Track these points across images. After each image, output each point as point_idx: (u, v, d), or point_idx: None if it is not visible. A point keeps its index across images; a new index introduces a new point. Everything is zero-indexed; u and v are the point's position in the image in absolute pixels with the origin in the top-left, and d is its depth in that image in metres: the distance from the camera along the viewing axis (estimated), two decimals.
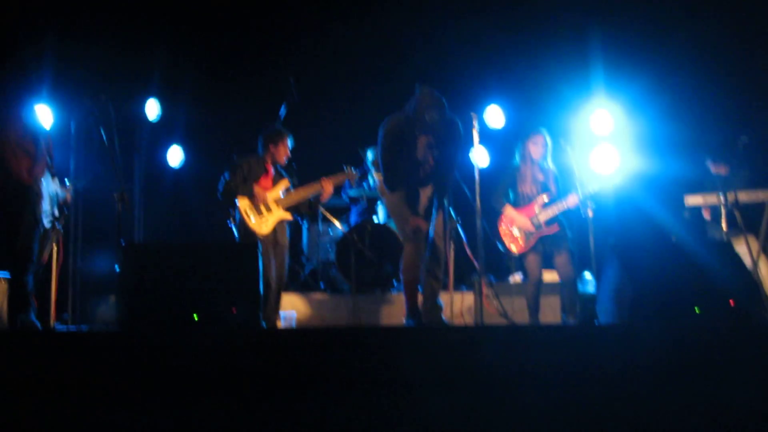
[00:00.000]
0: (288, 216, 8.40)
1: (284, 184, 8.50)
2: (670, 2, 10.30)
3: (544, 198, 8.33)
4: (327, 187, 8.50)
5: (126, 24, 10.63)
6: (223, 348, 4.81)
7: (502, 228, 8.48)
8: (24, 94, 7.41)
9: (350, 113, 10.98)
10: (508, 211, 8.41)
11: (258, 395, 4.46)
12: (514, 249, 8.42)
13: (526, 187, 8.42)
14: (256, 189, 8.17)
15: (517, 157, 8.52)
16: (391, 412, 4.32)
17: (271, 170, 8.49)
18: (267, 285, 7.86)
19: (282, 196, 8.40)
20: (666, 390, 4.40)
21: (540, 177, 8.42)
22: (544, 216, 8.26)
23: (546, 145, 8.41)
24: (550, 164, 8.47)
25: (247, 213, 8.16)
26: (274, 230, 8.26)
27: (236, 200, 8.26)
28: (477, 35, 11.15)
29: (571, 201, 8.21)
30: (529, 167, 8.44)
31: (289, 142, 8.51)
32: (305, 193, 8.50)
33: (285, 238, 8.44)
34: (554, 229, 8.26)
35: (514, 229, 8.38)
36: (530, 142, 8.42)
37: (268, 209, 8.21)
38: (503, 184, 8.54)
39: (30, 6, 9.83)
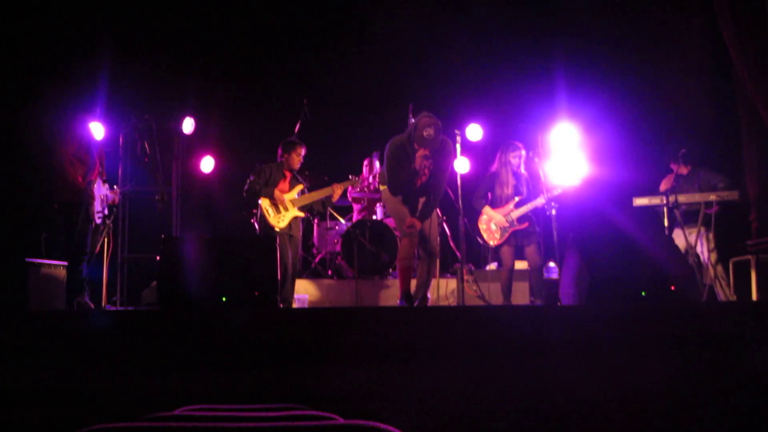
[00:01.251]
0: (301, 214, 8.60)
1: (299, 187, 8.66)
2: (623, 36, 10.32)
3: (517, 199, 8.35)
4: (337, 190, 8.71)
5: (166, 52, 10.64)
6: (247, 324, 4.80)
7: (481, 224, 8.51)
8: (79, 111, 7.42)
9: (353, 129, 11.02)
10: (487, 210, 8.43)
11: (275, 364, 4.46)
12: (492, 242, 8.45)
13: (503, 190, 8.45)
14: (276, 192, 8.34)
15: (496, 165, 8.54)
16: (387, 378, 4.32)
17: (289, 175, 8.64)
18: (284, 271, 7.97)
19: (297, 197, 8.54)
20: (617, 359, 4.40)
21: (514, 182, 8.45)
22: (516, 214, 8.28)
23: (521, 155, 8.45)
24: (522, 171, 8.50)
25: (267, 211, 8.33)
26: (289, 225, 8.44)
27: (259, 200, 8.41)
28: (460, 65, 11.17)
29: (539, 202, 8.24)
30: (505, 173, 8.46)
31: (303, 151, 8.63)
32: (318, 195, 8.72)
33: (299, 232, 8.63)
34: (525, 225, 8.28)
35: (492, 225, 8.40)
36: (508, 152, 8.46)
37: (285, 208, 8.39)
38: (483, 187, 8.58)
39: (84, 34, 9.82)
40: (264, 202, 8.43)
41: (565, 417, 4.19)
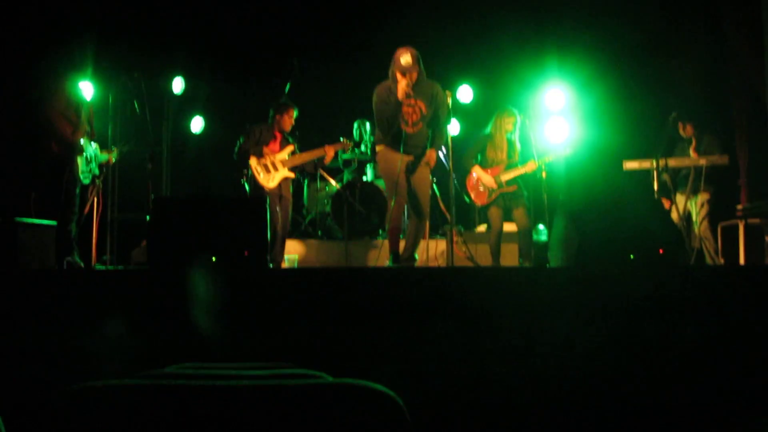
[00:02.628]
0: (291, 175, 8.60)
1: (290, 148, 8.64)
2: None
3: (507, 163, 8.36)
4: (329, 152, 8.73)
5: (156, 11, 10.55)
6: (236, 284, 4.81)
7: (470, 183, 8.52)
8: (68, 69, 7.36)
9: (343, 90, 10.96)
10: (476, 169, 8.45)
11: (264, 324, 4.47)
12: (478, 201, 8.47)
13: (495, 153, 8.46)
14: (265, 151, 8.38)
15: (490, 128, 8.54)
16: (376, 338, 4.33)
17: (279, 136, 8.64)
18: (273, 232, 8.00)
19: (287, 158, 8.50)
20: (604, 321, 4.42)
21: (506, 146, 8.45)
22: (505, 177, 8.29)
23: (516, 121, 8.46)
24: (516, 137, 8.50)
25: (257, 170, 8.31)
26: (279, 186, 8.47)
27: (249, 160, 8.38)
28: (452, 27, 11.13)
29: (530, 167, 8.26)
30: (499, 138, 8.47)
31: (294, 113, 8.62)
32: (309, 156, 8.72)
33: (289, 193, 8.63)
34: (513, 188, 8.30)
35: (480, 185, 8.40)
36: (503, 117, 8.46)
37: (275, 168, 8.37)
38: (474, 148, 8.60)
39: None
40: (253, 162, 8.44)
41: (553, 377, 4.22)
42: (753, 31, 8.38)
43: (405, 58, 7.35)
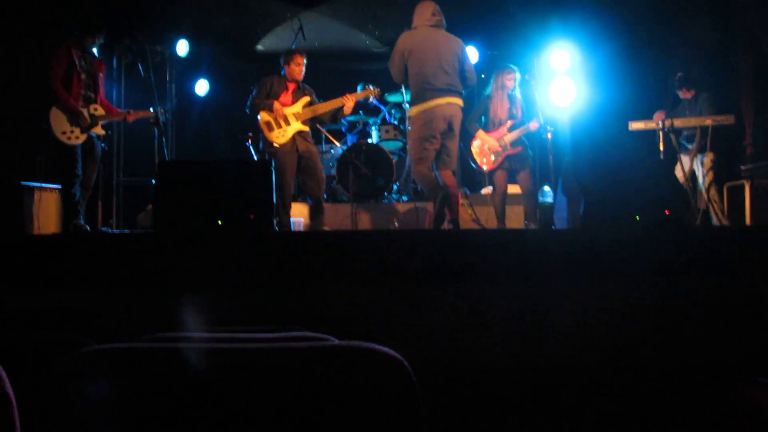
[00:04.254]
0: (305, 128, 8.11)
1: (305, 99, 8.17)
2: None
3: (510, 123, 8.32)
4: (349, 101, 8.09)
5: None
6: (242, 247, 4.82)
7: (474, 148, 8.48)
8: (74, 34, 7.31)
9: (348, 52, 10.90)
10: (480, 134, 8.40)
11: (271, 287, 4.48)
12: (484, 166, 8.43)
13: (496, 114, 8.41)
14: (275, 104, 7.95)
15: (490, 88, 8.49)
16: (383, 301, 4.34)
17: (292, 87, 8.21)
18: (283, 192, 7.81)
19: (301, 111, 8.09)
20: (611, 283, 4.43)
21: (508, 105, 8.41)
22: (509, 138, 8.26)
23: (515, 78, 8.39)
24: (517, 94, 8.45)
25: (265, 125, 8.01)
26: (293, 141, 8.00)
27: (258, 115, 8.06)
28: None
29: (533, 126, 8.23)
30: (500, 97, 8.42)
31: (302, 59, 8.19)
32: (326, 107, 8.15)
33: (308, 146, 8.13)
34: (518, 149, 8.27)
35: (485, 148, 8.37)
36: (502, 75, 8.40)
37: (287, 122, 7.96)
38: (476, 111, 8.53)
39: None
40: (262, 116, 8.03)
41: (560, 340, 4.23)
42: None
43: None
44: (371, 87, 8.55)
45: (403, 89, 8.89)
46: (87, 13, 7.43)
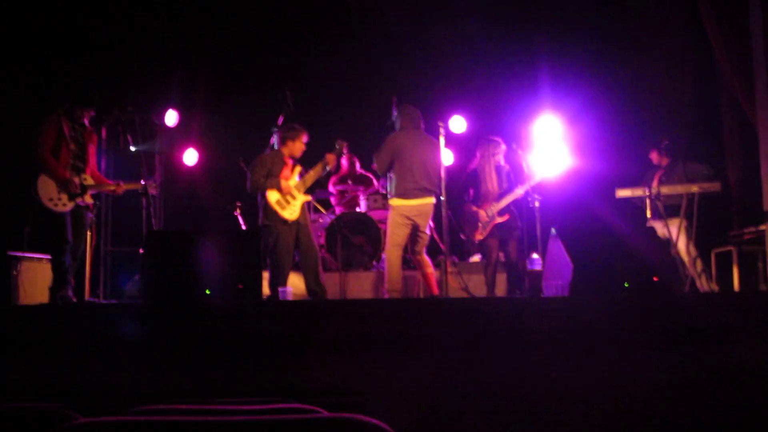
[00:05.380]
0: (308, 198, 8.24)
1: (298, 169, 8.23)
2: (607, 29, 10.37)
3: (498, 192, 8.37)
4: (330, 159, 8.24)
5: (149, 44, 10.60)
6: (231, 318, 4.80)
7: (464, 219, 8.53)
8: (65, 105, 7.34)
9: (336, 122, 10.98)
10: (469, 207, 8.45)
11: (260, 357, 4.46)
12: (473, 237, 8.47)
13: (486, 187, 8.45)
14: (282, 183, 7.97)
15: (477, 161, 8.57)
16: (371, 370, 4.32)
17: (290, 162, 8.23)
18: (284, 261, 7.90)
19: (299, 181, 8.13)
20: (600, 351, 4.42)
21: (496, 177, 8.46)
22: (497, 207, 8.30)
23: (501, 150, 8.48)
24: (503, 164, 8.52)
25: (278, 204, 7.99)
26: (302, 213, 8.09)
27: (266, 193, 8.01)
28: (443, 58, 11.19)
29: (519, 192, 8.28)
30: (488, 170, 8.48)
31: (306, 139, 8.25)
32: (317, 172, 8.20)
33: (307, 217, 8.26)
34: (505, 217, 8.30)
35: (473, 220, 8.41)
36: (489, 147, 8.49)
37: (293, 197, 8.01)
38: (465, 184, 8.60)
39: (68, 27, 9.79)
40: (272, 196, 8.00)
41: (547, 409, 4.21)
42: (743, 58, 8.44)
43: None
44: (339, 140, 8.50)
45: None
46: (78, 86, 7.46)
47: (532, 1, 10.73)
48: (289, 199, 7.98)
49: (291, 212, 7.96)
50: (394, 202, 7.95)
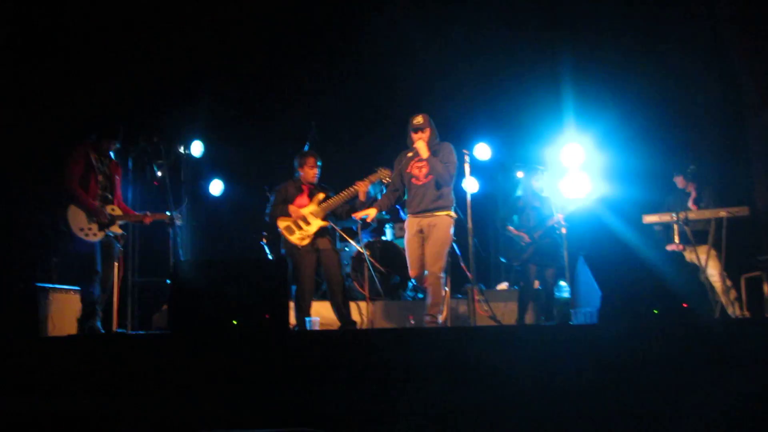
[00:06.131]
0: (325, 224, 8.11)
1: (320, 196, 8.19)
2: (632, 55, 10.36)
3: (539, 217, 8.40)
4: (361, 188, 8.00)
5: (175, 76, 10.68)
6: (257, 348, 4.81)
7: (507, 245, 8.56)
8: (91, 137, 7.40)
9: (361, 151, 11.01)
10: (511, 230, 8.46)
11: (287, 386, 4.46)
12: (514, 261, 8.48)
13: (528, 214, 8.48)
14: (290, 208, 7.99)
15: (520, 190, 8.63)
16: (401, 400, 4.30)
17: (306, 188, 8.23)
18: (300, 288, 7.90)
19: (318, 208, 8.09)
20: (629, 377, 4.38)
21: (537, 204, 8.49)
22: (537, 233, 8.30)
23: (543, 175, 8.53)
24: (544, 193, 8.55)
25: (287, 229, 8.00)
26: (314, 240, 8.02)
27: (277, 220, 8.07)
28: (468, 86, 11.21)
29: (555, 219, 8.27)
30: (531, 197, 8.53)
31: (315, 161, 8.23)
32: (340, 198, 8.11)
33: (328, 244, 8.16)
34: (546, 240, 8.31)
35: (517, 244, 8.42)
36: (533, 176, 8.56)
37: (306, 223, 7.99)
38: (509, 211, 8.65)
39: (97, 60, 9.89)
40: (281, 223, 8.06)
41: None
42: None
43: (417, 119, 7.64)
44: (383, 169, 8.41)
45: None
46: (105, 119, 7.54)
47: (556, 27, 10.73)
48: (301, 224, 7.97)
49: (301, 238, 7.95)
50: (453, 214, 7.57)
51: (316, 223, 8.00)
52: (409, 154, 7.68)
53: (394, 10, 10.71)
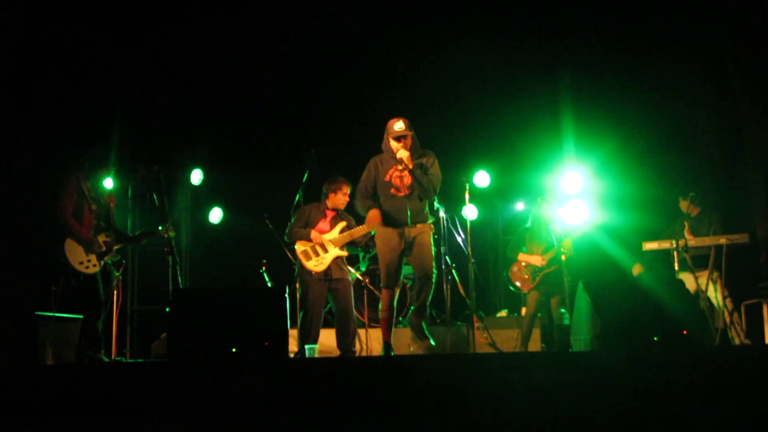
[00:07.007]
0: (344, 253, 8.18)
1: (342, 224, 8.25)
2: (631, 82, 10.40)
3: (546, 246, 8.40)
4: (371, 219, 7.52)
5: (175, 104, 10.70)
6: (257, 376, 4.80)
7: (514, 271, 8.54)
8: (83, 167, 7.37)
9: (360, 178, 11.03)
10: (522, 256, 8.47)
11: (286, 415, 4.45)
12: (523, 288, 8.49)
13: (536, 243, 8.49)
14: (312, 233, 8.05)
15: (530, 221, 8.67)
16: (398, 426, 4.29)
17: (330, 214, 8.29)
18: (312, 317, 7.96)
19: (338, 236, 8.15)
20: (628, 404, 4.37)
21: (548, 234, 8.51)
22: (547, 258, 8.31)
23: (554, 207, 8.52)
24: (554, 222, 8.54)
25: (304, 254, 8.04)
26: (329, 268, 8.03)
27: (296, 243, 8.12)
28: (468, 114, 11.24)
29: (565, 245, 8.26)
30: (542, 227, 8.56)
31: (347, 190, 8.27)
32: (359, 231, 8.12)
33: (342, 272, 8.18)
34: (554, 267, 8.30)
35: (524, 270, 8.41)
36: (543, 205, 8.57)
37: (324, 250, 8.06)
38: (519, 240, 8.70)
39: (94, 88, 9.91)
40: (298, 246, 8.11)
41: None
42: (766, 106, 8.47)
43: (398, 125, 7.25)
44: None
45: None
46: (96, 147, 7.53)
47: (555, 54, 10.77)
48: (318, 251, 8.00)
49: (317, 264, 7.98)
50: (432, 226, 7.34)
51: (334, 252, 8.05)
52: (387, 162, 7.37)
53: (392, 37, 10.75)
